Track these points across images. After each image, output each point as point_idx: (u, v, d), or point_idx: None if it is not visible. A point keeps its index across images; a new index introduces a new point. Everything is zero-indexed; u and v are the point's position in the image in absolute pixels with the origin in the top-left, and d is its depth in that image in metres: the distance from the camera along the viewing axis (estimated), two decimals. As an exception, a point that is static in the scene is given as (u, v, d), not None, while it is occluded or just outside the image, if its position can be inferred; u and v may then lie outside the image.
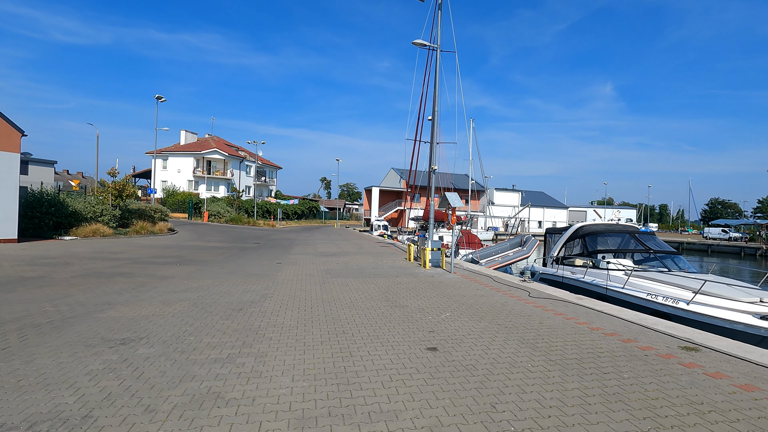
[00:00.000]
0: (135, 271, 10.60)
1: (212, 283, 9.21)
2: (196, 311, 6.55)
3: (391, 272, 11.82)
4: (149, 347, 4.77)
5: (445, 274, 11.57)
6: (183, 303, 7.10)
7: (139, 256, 13.94)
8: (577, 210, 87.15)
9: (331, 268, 12.54)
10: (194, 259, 13.86)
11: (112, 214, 21.81)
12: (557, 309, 7.36)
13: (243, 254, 16.03)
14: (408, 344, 5.13)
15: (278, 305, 7.17)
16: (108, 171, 22.09)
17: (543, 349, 5.04)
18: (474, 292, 8.85)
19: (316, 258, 15.34)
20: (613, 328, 6.11)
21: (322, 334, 5.50)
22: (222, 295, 7.84)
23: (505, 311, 7.09)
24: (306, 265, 13.16)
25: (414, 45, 13.41)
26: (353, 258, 15.65)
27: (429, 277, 11.08)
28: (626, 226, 11.92)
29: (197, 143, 59.78)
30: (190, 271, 10.98)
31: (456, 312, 6.95)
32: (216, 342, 5.04)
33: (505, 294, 8.74)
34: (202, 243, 20.62)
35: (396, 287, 9.29)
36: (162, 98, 29.84)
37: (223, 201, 48.79)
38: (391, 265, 13.50)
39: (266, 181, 68.47)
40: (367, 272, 11.71)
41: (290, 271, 11.62)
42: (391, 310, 7.03)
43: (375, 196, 61.70)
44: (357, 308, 7.10)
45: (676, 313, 7.64)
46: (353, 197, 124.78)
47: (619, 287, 9.08)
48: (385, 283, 9.89)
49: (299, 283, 9.59)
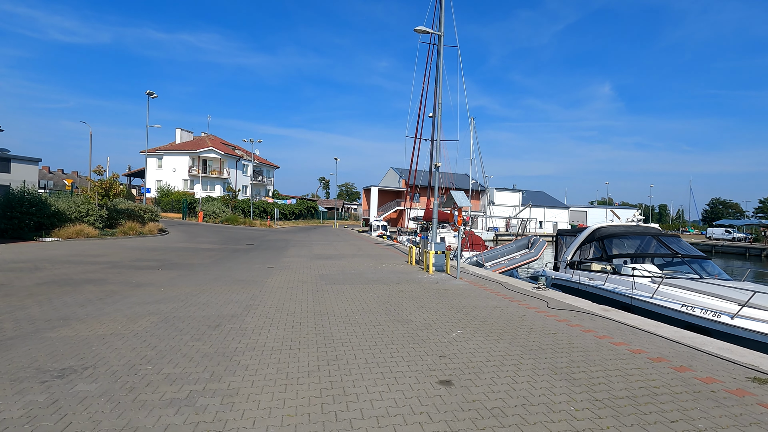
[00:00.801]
0: (109, 277, 9.61)
1: (192, 291, 8.23)
2: (164, 329, 5.57)
3: (391, 278, 10.85)
4: (91, 382, 3.80)
5: (450, 280, 10.61)
6: (152, 318, 6.12)
7: (120, 259, 12.95)
8: (578, 210, 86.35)
9: (326, 273, 11.57)
10: (179, 262, 12.88)
11: (99, 214, 20.79)
12: (584, 324, 6.40)
13: (233, 257, 15.04)
14: (415, 375, 4.17)
15: (262, 320, 6.19)
16: (94, 169, 21.09)
17: (582, 382, 4.08)
18: (485, 302, 7.89)
19: (311, 261, 14.36)
20: (657, 351, 5.15)
21: (311, 361, 4.53)
22: (199, 307, 6.86)
23: (524, 327, 6.12)
24: (299, 269, 12.18)
25: (416, 32, 12.45)
26: (350, 261, 14.68)
27: (433, 283, 10.12)
28: (648, 227, 10.98)
29: (193, 142, 58.73)
30: (170, 276, 10.00)
31: (468, 328, 5.98)
32: (177, 373, 4.06)
33: (521, 304, 7.77)
34: (192, 245, 19.62)
35: (397, 296, 8.33)
36: (154, 94, 28.83)
37: (218, 201, 47.76)
38: (392, 270, 12.53)
39: (263, 180, 67.43)
40: (366, 278, 10.74)
41: (282, 276, 10.64)
42: (393, 325, 6.07)
43: (374, 195, 60.72)
44: (353, 323, 6.13)
45: (718, 328, 6.69)
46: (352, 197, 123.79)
47: (647, 296, 8.13)
48: (384, 291, 8.92)
49: (290, 291, 8.61)
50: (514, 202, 74.91)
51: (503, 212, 68.77)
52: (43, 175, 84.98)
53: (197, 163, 55.60)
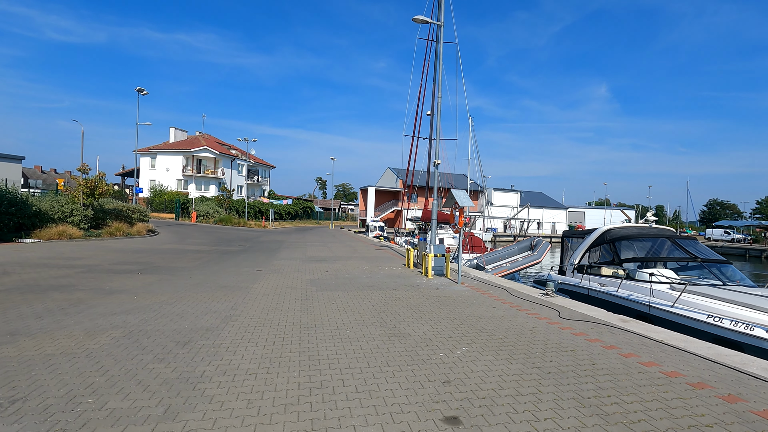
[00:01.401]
0: (80, 282, 8.84)
1: (168, 299, 7.48)
2: (124, 346, 4.83)
3: (387, 283, 10.12)
4: (11, 424, 3.05)
5: (451, 285, 9.89)
6: (114, 332, 5.37)
7: (98, 262, 12.16)
8: (576, 210, 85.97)
9: (318, 277, 10.83)
10: (162, 265, 12.10)
11: (83, 215, 19.96)
12: (604, 338, 5.69)
13: (222, 260, 14.28)
14: (416, 409, 3.44)
15: (240, 334, 5.45)
16: (79, 167, 20.23)
17: (618, 419, 3.37)
18: (491, 312, 7.17)
19: (304, 264, 13.62)
20: (695, 373, 4.44)
21: (290, 389, 3.79)
22: (172, 319, 6.11)
23: (538, 343, 5.41)
24: (290, 273, 11.43)
25: (414, 22, 11.74)
26: (345, 264, 13.94)
27: (433, 289, 9.40)
28: (662, 229, 10.30)
29: (187, 141, 57.83)
30: (148, 282, 9.23)
31: (475, 344, 5.27)
32: (125, 409, 3.32)
33: (530, 314, 7.06)
34: (180, 246, 18.83)
35: (394, 304, 7.60)
36: (144, 91, 27.97)
37: (212, 201, 46.89)
38: (388, 274, 11.80)
39: (259, 180, 66.60)
40: (360, 282, 10.01)
41: (270, 281, 9.89)
42: (389, 341, 5.34)
43: (371, 196, 60.00)
44: (344, 339, 5.40)
45: (752, 342, 6.01)
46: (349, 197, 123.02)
47: (667, 305, 7.44)
48: (380, 298, 8.19)
49: (277, 298, 7.87)
50: (512, 202, 74.34)
51: (501, 213, 68.19)
52: (35, 174, 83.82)
53: (191, 162, 54.72)
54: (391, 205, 61.19)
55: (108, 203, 22.91)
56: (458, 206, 9.90)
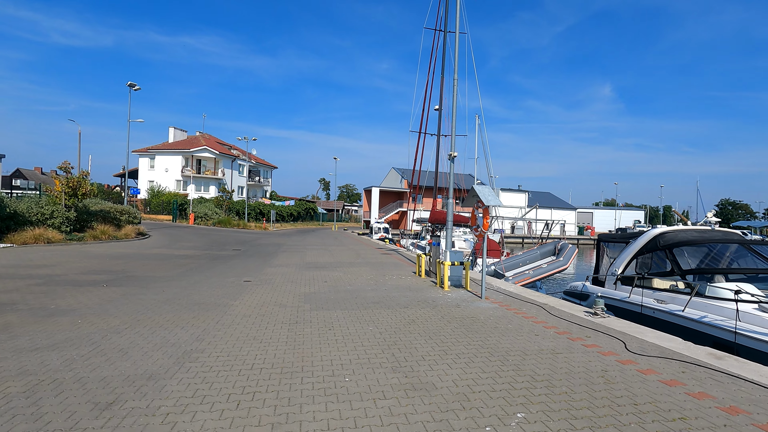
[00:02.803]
0: (24, 299, 7.25)
1: (119, 325, 5.87)
2: (10, 415, 3.21)
3: (396, 297, 8.48)
4: None
5: (473, 301, 8.23)
6: (14, 384, 3.76)
7: (65, 271, 10.60)
8: (584, 211, 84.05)
9: (314, 290, 9.20)
10: (138, 275, 10.52)
11: (65, 217, 18.45)
12: (715, 392, 4.01)
13: (209, 266, 12.68)
14: None
15: (193, 388, 3.83)
16: (59, 165, 18.72)
17: None
18: (536, 342, 5.51)
19: (300, 272, 12.00)
20: None
21: None
22: (108, 359, 4.50)
23: (624, 401, 3.74)
24: (283, 284, 9.81)
25: None
26: (348, 272, 12.31)
27: (453, 306, 7.74)
28: (728, 232, 8.60)
29: (186, 141, 56.47)
30: (109, 298, 7.64)
31: (533, 406, 3.60)
32: None
33: (587, 346, 5.39)
34: (168, 251, 17.27)
35: (407, 331, 5.95)
36: (136, 86, 26.46)
37: (211, 202, 45.42)
38: (397, 285, 10.16)
39: (260, 181, 65.16)
40: (364, 298, 8.37)
41: (256, 296, 8.28)
42: (407, 399, 3.70)
43: (375, 197, 58.37)
44: (341, 396, 3.75)
45: None
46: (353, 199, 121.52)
47: (763, 334, 5.74)
48: (389, 320, 6.55)
49: (258, 322, 6.25)
50: (520, 203, 72.51)
51: (509, 213, 66.35)
52: (35, 176, 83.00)
53: (191, 162, 53.32)
54: (396, 206, 59.52)
55: (94, 204, 21.40)
56: (482, 205, 8.24)
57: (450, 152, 10.24)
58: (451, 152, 10.26)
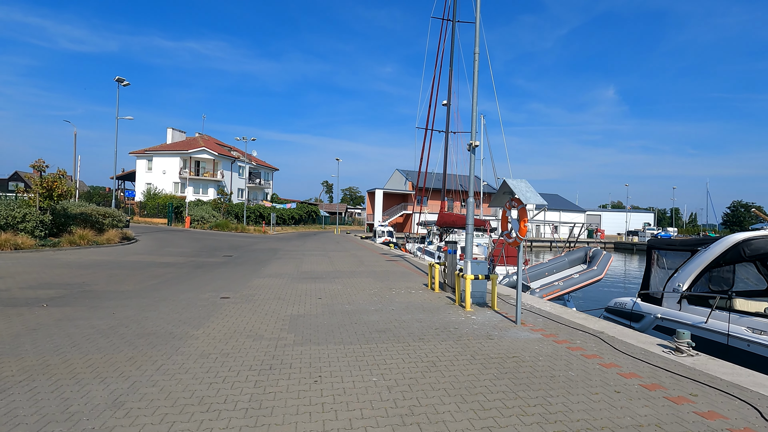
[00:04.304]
0: None
1: (16, 373, 4.10)
2: None
3: (408, 323, 6.68)
4: None
5: (508, 328, 6.41)
6: None
7: (10, 285, 8.87)
8: (593, 213, 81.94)
9: (304, 311, 7.41)
10: (96, 289, 8.79)
11: (39, 220, 16.78)
12: None
13: (187, 278, 10.94)
14: None
15: None
16: (32, 163, 17.10)
17: None
18: (623, 409, 3.67)
19: (292, 284, 10.22)
20: None
21: None
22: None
23: None
24: (266, 302, 8.03)
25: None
26: (347, 284, 10.52)
27: (483, 337, 5.92)
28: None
29: (185, 142, 54.99)
30: (36, 324, 5.87)
31: None
32: None
33: (706, 416, 3.55)
34: (151, 257, 15.56)
35: (428, 384, 4.15)
36: (124, 81, 24.83)
37: (208, 205, 43.77)
38: (407, 303, 8.35)
39: (261, 183, 63.58)
40: (367, 323, 6.58)
41: (229, 320, 6.50)
42: None
43: (378, 199, 56.58)
44: None
45: None
46: (356, 201, 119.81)
47: None
48: (401, 365, 4.74)
49: (217, 368, 4.46)
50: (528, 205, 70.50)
51: (517, 216, 64.34)
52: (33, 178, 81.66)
53: (189, 164, 51.79)
54: (400, 209, 57.72)
55: (74, 207, 19.77)
56: (518, 204, 6.40)
57: (470, 141, 8.45)
58: (472, 141, 8.46)
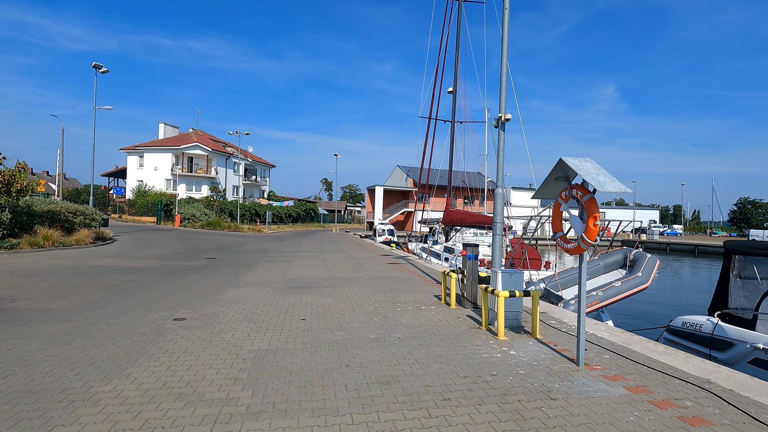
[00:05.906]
0: None
1: None
2: None
3: (423, 364, 4.72)
4: None
5: (569, 374, 4.45)
6: None
7: None
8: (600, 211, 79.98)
9: (276, 344, 5.45)
10: (19, 306, 6.84)
11: (-5, 219, 14.82)
12: None
13: (147, 289, 8.99)
14: None
15: None
16: (-14, 155, 15.20)
17: None
18: None
19: (273, 297, 8.27)
20: None
21: None
22: None
23: None
24: (231, 326, 6.07)
25: None
26: (341, 296, 8.56)
27: (541, 393, 3.96)
28: None
29: (177, 137, 52.96)
30: None
31: None
32: None
33: None
34: (118, 261, 13.60)
35: None
36: (102, 67, 22.84)
37: (200, 202, 41.77)
38: (417, 326, 6.39)
39: (257, 180, 61.57)
40: (362, 365, 4.62)
41: (165, 361, 4.54)
42: None
43: (378, 196, 54.60)
44: None
45: None
46: (356, 199, 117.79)
47: None
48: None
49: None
50: (533, 202, 68.47)
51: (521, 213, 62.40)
52: (25, 176, 79.69)
53: (181, 160, 49.77)
54: (401, 206, 55.77)
55: (41, 204, 17.79)
56: (583, 194, 4.40)
57: (499, 114, 6.48)
58: (501, 114, 6.49)
